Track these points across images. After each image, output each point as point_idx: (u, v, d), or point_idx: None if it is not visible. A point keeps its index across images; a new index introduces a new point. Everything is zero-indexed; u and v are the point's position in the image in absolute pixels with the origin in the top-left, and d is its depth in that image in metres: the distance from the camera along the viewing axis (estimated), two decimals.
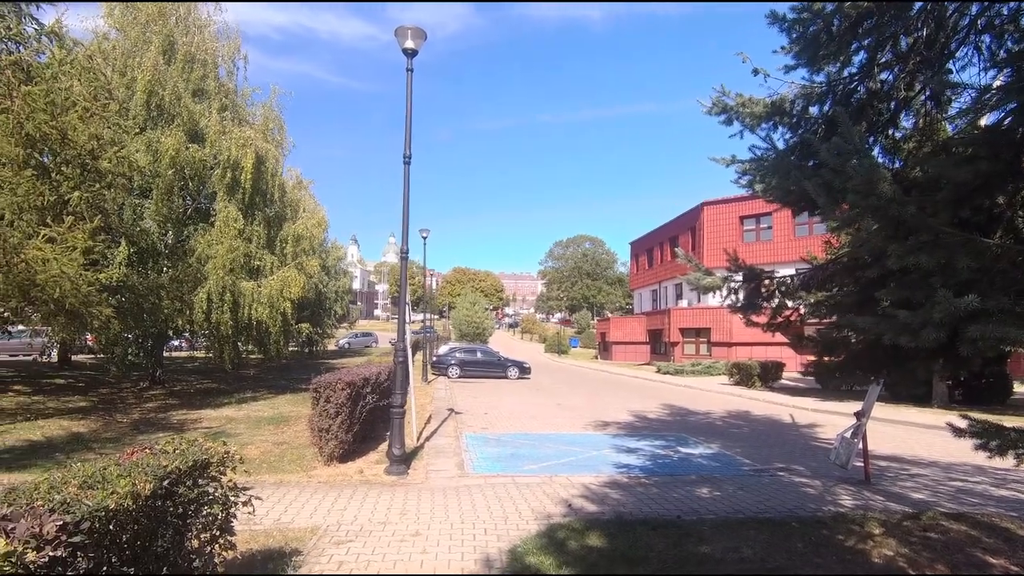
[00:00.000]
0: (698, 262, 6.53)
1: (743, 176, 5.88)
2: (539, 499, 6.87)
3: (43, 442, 9.75)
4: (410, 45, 8.40)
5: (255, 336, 17.33)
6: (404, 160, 8.75)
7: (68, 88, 9.16)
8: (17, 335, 24.63)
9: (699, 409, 16.78)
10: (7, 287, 8.14)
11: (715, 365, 29.78)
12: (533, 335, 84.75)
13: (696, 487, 7.63)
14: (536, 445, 10.59)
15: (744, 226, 35.84)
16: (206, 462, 3.49)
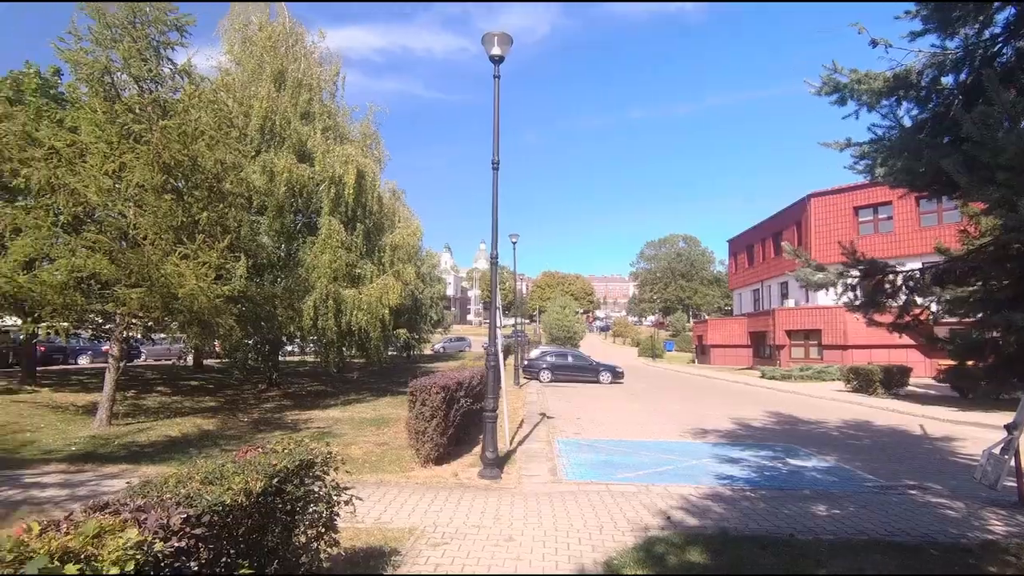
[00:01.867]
0: (808, 256, 5.99)
1: (860, 160, 5.32)
2: (635, 509, 6.61)
3: (179, 438, 10.86)
4: (497, 52, 8.49)
5: (357, 341, 18.32)
6: (492, 166, 8.84)
7: (197, 120, 10.21)
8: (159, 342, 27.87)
9: (810, 417, 15.50)
10: (151, 299, 9.16)
11: (828, 370, 27.47)
12: (625, 338, 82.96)
13: (810, 503, 7.00)
14: (631, 452, 10.26)
15: (859, 217, 32.80)
16: (311, 462, 3.67)
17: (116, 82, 10.19)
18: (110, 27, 9.94)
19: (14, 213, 9.82)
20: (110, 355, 11.81)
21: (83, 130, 9.90)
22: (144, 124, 9.11)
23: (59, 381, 18.56)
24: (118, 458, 9.02)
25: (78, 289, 10.18)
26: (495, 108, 8.76)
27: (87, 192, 9.30)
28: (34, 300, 9.96)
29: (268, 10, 18.40)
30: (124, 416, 12.51)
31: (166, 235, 10.05)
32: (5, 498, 6.75)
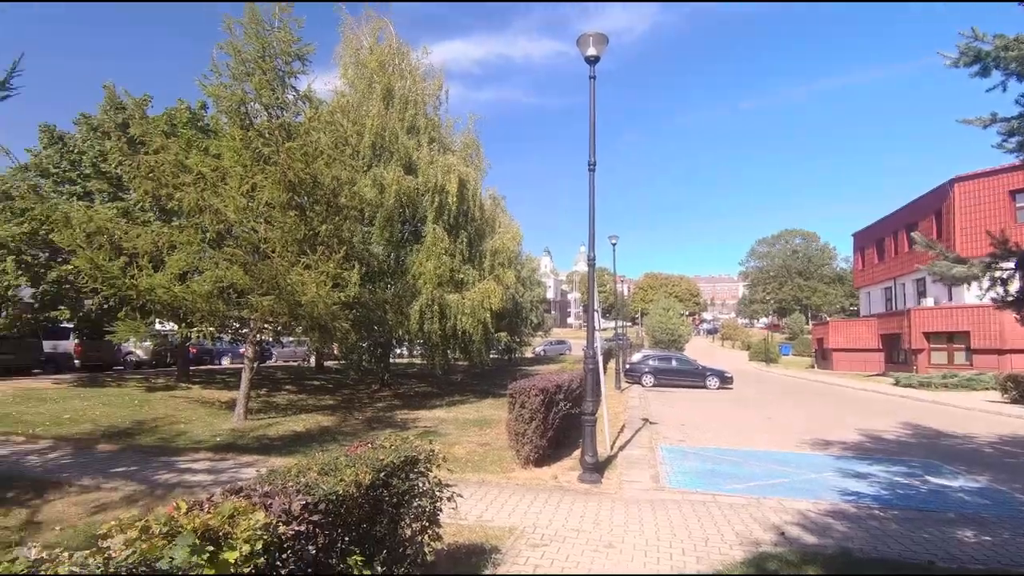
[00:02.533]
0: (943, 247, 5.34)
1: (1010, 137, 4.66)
2: (744, 522, 6.25)
3: (303, 433, 11.86)
4: (592, 52, 8.46)
5: (460, 344, 18.97)
6: (589, 167, 8.80)
7: (316, 140, 11.19)
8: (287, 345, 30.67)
9: (955, 431, 13.72)
10: (280, 306, 10.15)
11: (979, 378, 24.14)
12: (735, 341, 78.47)
13: (955, 528, 6.21)
14: (740, 462, 9.70)
15: (1017, 202, 28.53)
16: (415, 458, 3.88)
17: (249, 111, 11.49)
18: (244, 62, 11.22)
19: (170, 232, 11.34)
20: (245, 357, 13.17)
21: (224, 156, 11.25)
22: (272, 147, 10.20)
23: (206, 379, 21.00)
24: (252, 449, 10.05)
25: (220, 297, 11.50)
26: (591, 109, 8.72)
27: (227, 211, 10.53)
28: (187, 307, 11.39)
29: (377, 34, 19.67)
30: (257, 412, 13.90)
31: (291, 247, 11.07)
32: (164, 481, 7.77)
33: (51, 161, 16.25)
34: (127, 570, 1.90)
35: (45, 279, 15.02)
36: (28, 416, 12.02)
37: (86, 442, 9.97)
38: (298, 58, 11.59)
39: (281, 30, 11.21)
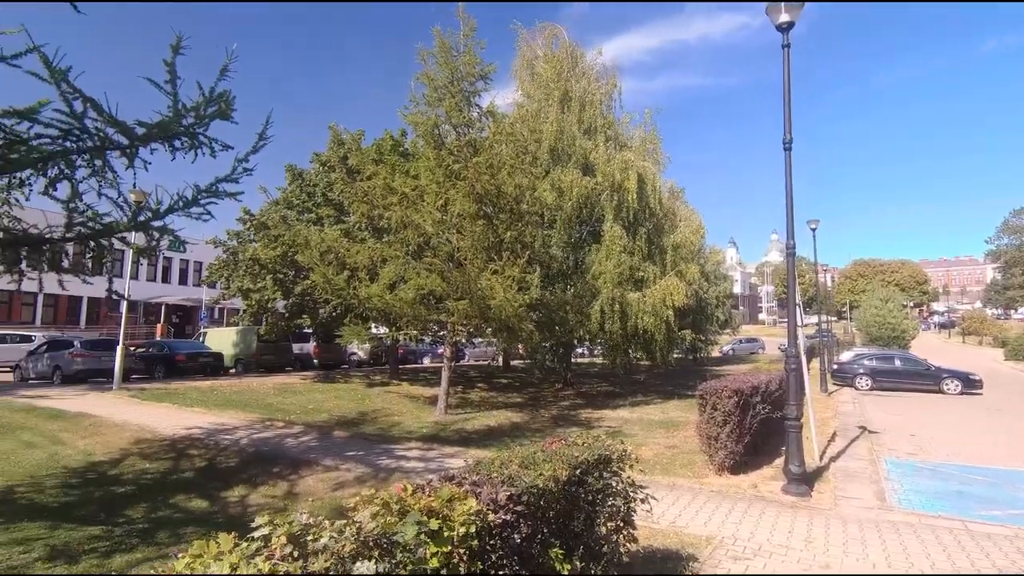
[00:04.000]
0: None
1: None
2: (1011, 557, 5.11)
3: (496, 428, 12.67)
4: (785, 18, 7.69)
5: (642, 343, 18.57)
6: (784, 146, 8.00)
7: (499, 152, 11.95)
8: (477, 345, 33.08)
9: None
10: (472, 310, 11.02)
11: None
12: (980, 337, 64.39)
13: None
14: (997, 483, 7.96)
15: None
16: (608, 457, 3.91)
17: (441, 132, 12.74)
18: (436, 89, 12.51)
19: (382, 247, 13.04)
20: (444, 357, 14.50)
21: (421, 176, 12.62)
22: (461, 163, 11.19)
23: (412, 377, 23.59)
24: (453, 441, 11.02)
25: (422, 303, 12.85)
26: (784, 82, 7.91)
27: (425, 225, 11.78)
28: (396, 313, 12.95)
29: (551, 42, 20.26)
30: (455, 407, 15.19)
31: (480, 255, 11.95)
32: (385, 465, 8.91)
33: (294, 194, 19.81)
34: (373, 540, 2.23)
35: (293, 292, 18.35)
36: (284, 405, 14.71)
37: (325, 429, 11.88)
38: (481, 78, 12.56)
39: (466, 54, 12.29)
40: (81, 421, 11.18)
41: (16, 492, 7.06)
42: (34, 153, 4.89)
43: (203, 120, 5.90)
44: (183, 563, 1.89)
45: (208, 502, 7.07)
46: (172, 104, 5.71)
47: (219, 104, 5.82)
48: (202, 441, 10.10)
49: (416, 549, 2.37)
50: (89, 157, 5.32)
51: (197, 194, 6.26)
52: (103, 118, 5.28)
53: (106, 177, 5.63)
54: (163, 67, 5.59)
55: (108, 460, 8.77)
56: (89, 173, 5.38)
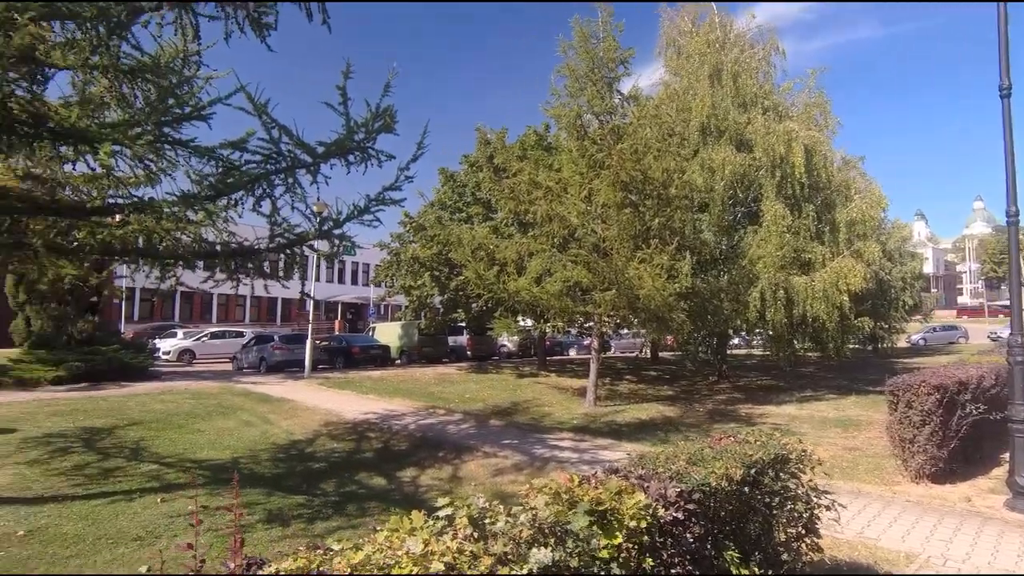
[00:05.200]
0: None
1: None
2: None
3: (647, 421, 12.35)
4: None
5: (810, 332, 16.82)
6: (1000, 92, 6.67)
7: (644, 137, 11.57)
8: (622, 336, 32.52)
9: None
10: (619, 300, 10.84)
11: None
12: None
13: None
14: None
15: None
16: (785, 457, 3.58)
17: (584, 122, 12.66)
18: (578, 79, 12.48)
19: (528, 241, 13.37)
20: (592, 348, 14.46)
21: (564, 168, 12.69)
22: (604, 151, 11.03)
23: (560, 368, 23.91)
24: (604, 433, 10.95)
25: (568, 295, 12.94)
26: (1000, 15, 6.56)
27: (570, 217, 11.83)
28: (543, 305, 13.20)
29: (696, 16, 19.07)
30: (604, 399, 15.07)
31: (627, 244, 11.70)
32: (540, 455, 9.13)
33: (446, 195, 21.17)
34: (548, 527, 2.28)
35: (448, 288, 19.64)
36: (443, 394, 15.77)
37: (482, 417, 12.51)
38: (622, 63, 12.26)
39: (605, 40, 12.07)
40: (283, 405, 13.05)
41: (240, 463, 8.43)
42: (244, 177, 5.77)
43: (371, 135, 6.49)
44: (383, 535, 2.10)
45: (386, 480, 7.83)
46: (345, 123, 6.35)
47: (384, 118, 6.36)
48: (377, 425, 11.21)
49: (588, 540, 2.38)
50: (284, 176, 6.13)
51: (368, 203, 6.91)
52: (293, 141, 6.05)
53: (296, 193, 6.45)
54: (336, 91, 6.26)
55: (304, 439, 10.11)
56: (284, 190, 6.21)
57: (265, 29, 5.35)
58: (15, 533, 5.28)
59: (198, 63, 5.68)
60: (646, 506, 2.69)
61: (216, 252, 6.08)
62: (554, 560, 2.19)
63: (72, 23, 4.60)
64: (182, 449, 8.91)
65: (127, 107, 5.86)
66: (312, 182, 6.61)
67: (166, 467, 7.90)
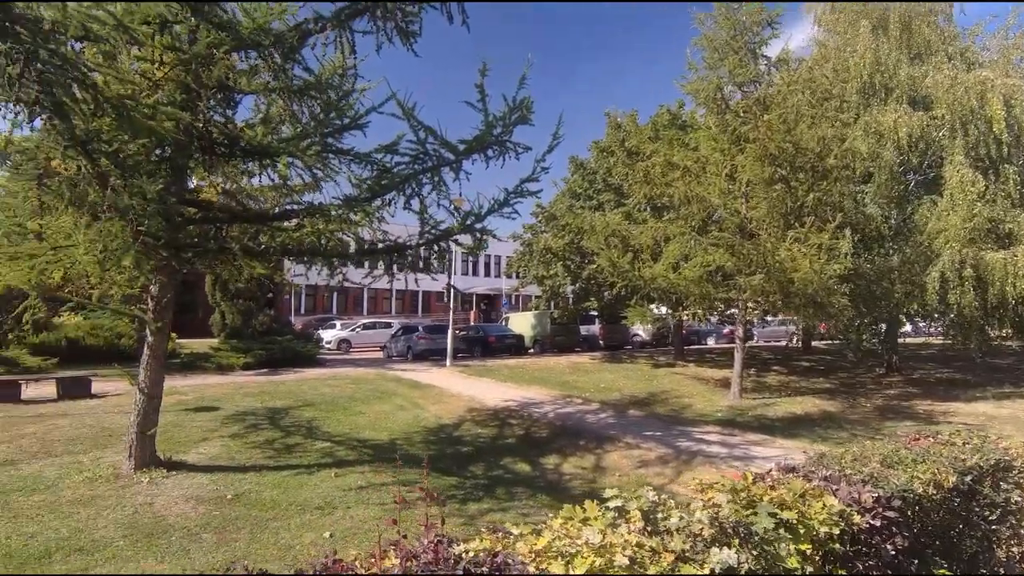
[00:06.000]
0: None
1: None
2: None
3: (802, 416, 11.32)
4: None
5: (1010, 317, 14.24)
6: None
7: (796, 103, 10.52)
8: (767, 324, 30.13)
9: None
10: (769, 285, 10.02)
11: None
12: None
13: None
14: None
15: None
16: (1008, 464, 3.03)
17: (724, 95, 11.78)
18: (717, 49, 11.65)
19: (664, 226, 12.84)
20: (736, 337, 13.56)
21: (702, 146, 11.95)
22: (750, 124, 10.17)
23: (698, 358, 22.76)
24: (753, 427, 10.22)
25: (708, 281, 12.23)
26: None
27: (711, 197, 11.13)
28: (680, 292, 12.62)
29: None
30: (750, 391, 14.08)
31: (776, 223, 10.75)
32: (685, 448, 8.76)
33: (576, 183, 21.06)
34: (731, 527, 2.13)
35: (580, 277, 19.58)
36: (578, 383, 15.76)
37: (619, 407, 12.31)
38: (768, 24, 11.20)
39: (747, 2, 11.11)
40: (430, 391, 13.91)
41: (396, 444, 9.13)
42: (396, 178, 6.18)
43: (509, 128, 6.61)
44: (558, 522, 2.10)
45: (530, 467, 8.01)
46: (484, 118, 6.53)
47: (521, 110, 6.43)
48: (517, 412, 11.52)
49: (775, 543, 2.20)
50: (430, 175, 6.47)
51: (507, 195, 7.05)
52: (438, 141, 6.35)
53: (441, 190, 6.78)
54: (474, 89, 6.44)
55: (451, 424, 10.68)
56: (431, 188, 6.55)
57: (411, 37, 5.64)
58: (225, 496, 6.20)
59: (355, 76, 6.16)
60: (840, 512, 2.42)
61: (375, 249, 6.60)
62: (739, 561, 2.05)
63: (255, 51, 5.22)
64: (347, 429, 9.86)
65: (296, 123, 6.56)
66: (455, 179, 6.91)
67: (336, 445, 8.79)
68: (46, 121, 4.05)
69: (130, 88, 4.09)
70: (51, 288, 6.36)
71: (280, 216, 6.11)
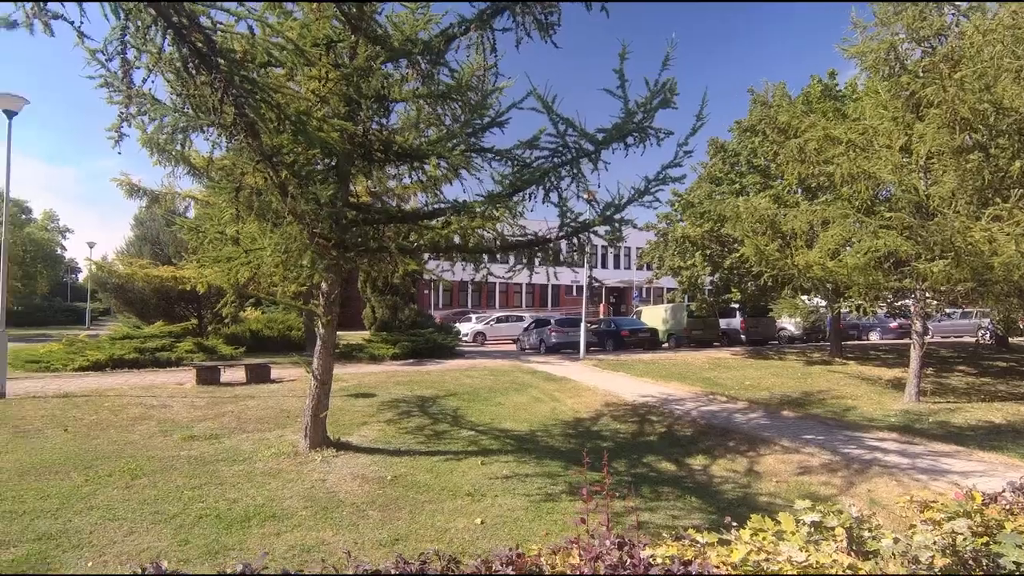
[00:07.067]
0: None
1: None
2: None
3: (1004, 425, 9.61)
4: None
5: None
6: None
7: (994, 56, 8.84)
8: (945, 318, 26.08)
9: None
10: (959, 272, 8.60)
11: None
12: None
13: None
14: None
15: None
16: None
17: (899, 55, 10.19)
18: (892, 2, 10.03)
19: (820, 208, 11.56)
20: (913, 332, 11.86)
21: (869, 116, 10.52)
22: (933, 85, 8.69)
23: (859, 355, 20.35)
24: (937, 436, 8.86)
25: (876, 268, 10.80)
26: None
27: (882, 173, 9.76)
28: (841, 281, 11.31)
29: None
30: (929, 394, 12.28)
31: (968, 199, 9.18)
32: (856, 455, 7.82)
33: (716, 167, 19.76)
34: (971, 556, 1.80)
35: (721, 267, 18.37)
36: (720, 380, 14.85)
37: (770, 407, 11.36)
38: None
39: None
40: (565, 384, 13.95)
41: (536, 435, 9.25)
42: (536, 172, 6.20)
43: (650, 113, 6.33)
44: (747, 533, 1.93)
45: (675, 466, 7.66)
46: (624, 106, 6.31)
47: (664, 94, 6.13)
48: (657, 408, 11.12)
49: None
50: (569, 167, 6.41)
51: (648, 184, 6.78)
52: (577, 133, 6.26)
53: (580, 182, 6.69)
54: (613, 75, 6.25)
55: (588, 418, 10.60)
56: (570, 181, 6.49)
57: (550, 28, 5.61)
58: (385, 477, 6.70)
59: (495, 75, 6.28)
60: None
61: (516, 243, 6.70)
62: None
63: (405, 60, 5.53)
64: (489, 419, 10.20)
65: (441, 125, 6.86)
66: (593, 169, 6.78)
67: (480, 434, 9.13)
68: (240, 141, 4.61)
69: (304, 104, 4.54)
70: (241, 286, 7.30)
71: (429, 215, 6.44)
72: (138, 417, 9.32)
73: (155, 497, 5.73)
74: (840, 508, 2.14)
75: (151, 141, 6.21)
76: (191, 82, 3.76)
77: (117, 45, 3.50)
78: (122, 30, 3.40)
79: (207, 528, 5.01)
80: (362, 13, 4.67)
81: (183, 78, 3.88)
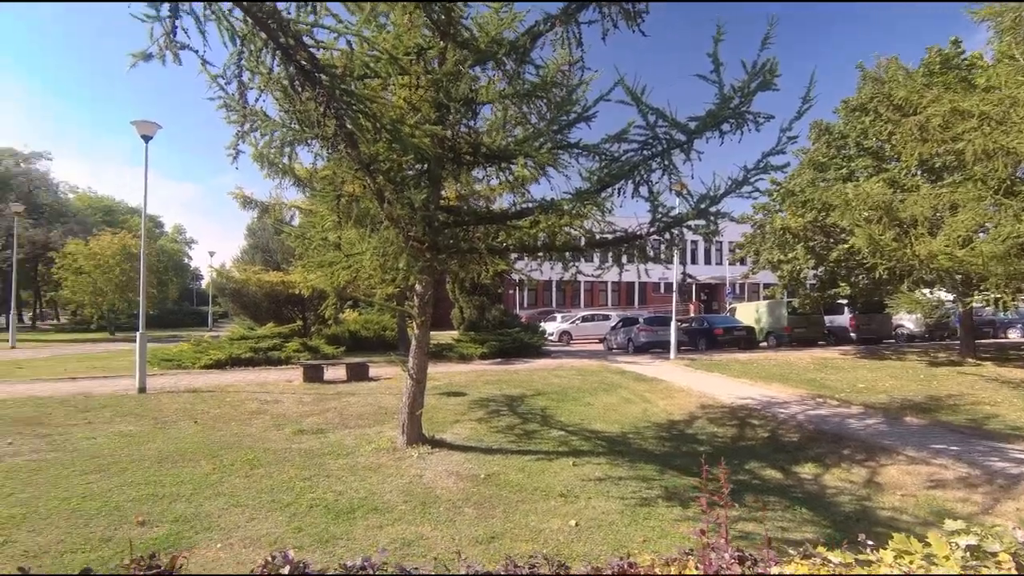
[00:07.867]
0: None
1: None
2: None
3: None
4: None
5: None
6: None
7: None
8: None
9: None
10: None
11: None
12: None
13: None
14: None
15: None
16: None
17: None
18: None
19: (946, 191, 10.36)
20: None
21: (1004, 84, 9.29)
22: None
23: (997, 355, 18.09)
24: None
25: (1020, 256, 9.52)
26: None
27: (1022, 148, 8.58)
28: (973, 272, 10.08)
29: None
30: None
31: None
32: (1000, 469, 6.92)
33: (819, 152, 18.28)
34: None
35: (827, 260, 17.00)
36: (828, 382, 13.74)
37: (890, 412, 10.34)
38: None
39: None
40: (656, 384, 13.52)
41: (627, 437, 9.02)
42: (625, 166, 6.03)
43: (748, 97, 5.96)
44: (889, 555, 1.72)
45: (781, 474, 7.16)
46: (719, 91, 5.98)
47: (763, 75, 5.75)
48: (758, 412, 10.48)
49: None
50: (660, 159, 6.17)
51: (746, 174, 6.39)
52: (668, 123, 6.01)
53: (672, 174, 6.42)
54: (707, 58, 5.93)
55: (682, 420, 10.18)
56: (661, 174, 6.24)
57: (637, 16, 5.42)
58: (479, 475, 6.79)
59: (581, 68, 6.18)
60: None
61: (605, 241, 6.55)
62: None
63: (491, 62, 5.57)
64: (579, 420, 10.07)
65: (527, 124, 6.84)
66: (685, 160, 6.47)
67: (569, 434, 9.04)
68: (340, 151, 4.84)
69: (397, 112, 4.70)
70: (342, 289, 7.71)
71: (517, 214, 6.45)
72: (255, 411, 10.12)
73: (271, 486, 6.17)
74: (1002, 530, 1.87)
75: (261, 156, 6.70)
76: (297, 98, 3.99)
77: (234, 69, 3.79)
78: (238, 55, 3.68)
79: (317, 517, 5.32)
80: (450, 19, 4.76)
81: (290, 95, 4.13)
